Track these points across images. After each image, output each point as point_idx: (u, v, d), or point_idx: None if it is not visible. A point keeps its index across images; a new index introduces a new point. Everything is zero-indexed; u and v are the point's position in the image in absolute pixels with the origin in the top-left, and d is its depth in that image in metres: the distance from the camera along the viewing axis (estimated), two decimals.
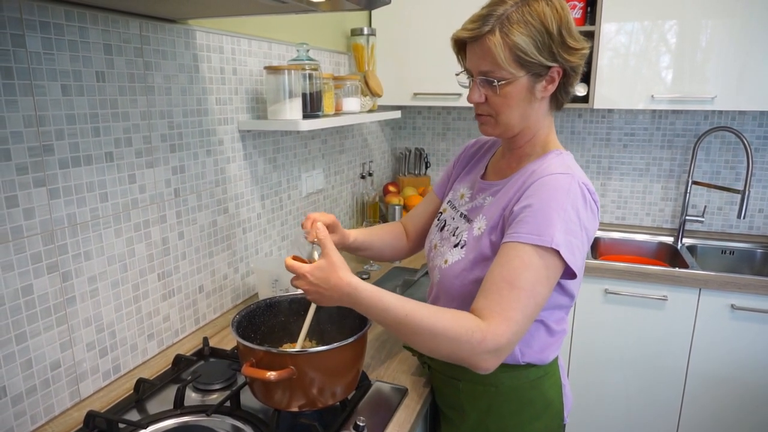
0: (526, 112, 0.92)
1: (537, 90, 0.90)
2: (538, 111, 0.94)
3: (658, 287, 1.87)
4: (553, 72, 0.89)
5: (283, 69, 1.37)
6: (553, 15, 0.85)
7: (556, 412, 1.02)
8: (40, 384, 0.97)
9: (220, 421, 0.98)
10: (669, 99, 1.95)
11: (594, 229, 0.89)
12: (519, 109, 0.91)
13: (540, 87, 0.90)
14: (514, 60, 0.86)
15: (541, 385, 0.99)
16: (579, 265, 0.86)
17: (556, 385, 1.02)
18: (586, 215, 0.86)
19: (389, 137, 2.61)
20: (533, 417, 1.00)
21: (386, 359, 1.23)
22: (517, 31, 0.85)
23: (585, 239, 0.86)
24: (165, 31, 1.17)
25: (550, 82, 0.90)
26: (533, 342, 0.96)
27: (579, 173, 0.89)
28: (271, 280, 1.38)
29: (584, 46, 0.89)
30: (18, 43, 0.88)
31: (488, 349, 0.80)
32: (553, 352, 0.99)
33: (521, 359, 0.96)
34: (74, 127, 0.98)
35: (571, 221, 0.84)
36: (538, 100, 0.92)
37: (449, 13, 2.08)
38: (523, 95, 0.90)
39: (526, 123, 0.94)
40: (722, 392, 1.89)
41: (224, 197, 1.42)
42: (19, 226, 0.91)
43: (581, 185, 0.87)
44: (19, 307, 0.92)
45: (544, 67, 0.88)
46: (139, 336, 1.19)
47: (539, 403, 1.00)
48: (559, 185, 0.85)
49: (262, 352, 0.89)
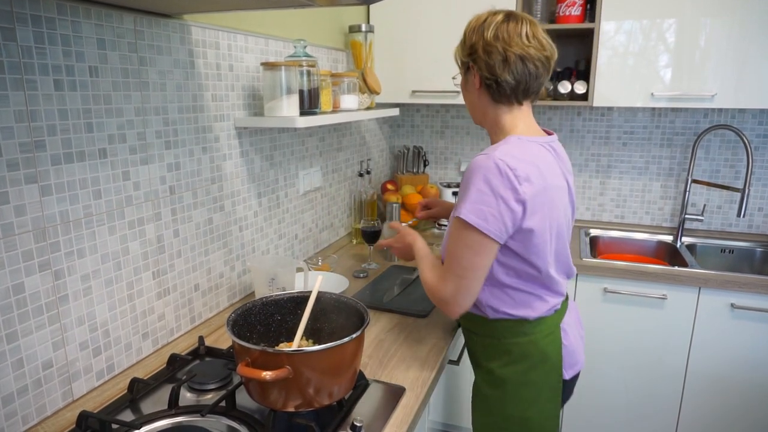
0: (471, 100, 1.16)
1: (470, 83, 1.13)
2: (482, 101, 1.13)
3: (657, 286, 1.86)
4: (472, 67, 1.11)
5: (280, 65, 1.36)
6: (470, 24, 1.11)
7: (553, 366, 1.14)
8: (32, 384, 0.96)
9: (215, 421, 0.97)
10: (668, 97, 1.94)
11: (516, 198, 1.00)
12: (467, 99, 1.18)
13: (471, 80, 1.12)
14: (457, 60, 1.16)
15: (538, 341, 1.13)
16: (496, 228, 1.01)
17: (554, 343, 1.15)
18: (500, 183, 0.99)
19: (387, 135, 2.60)
20: (530, 367, 1.14)
21: (383, 359, 1.21)
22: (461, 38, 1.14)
23: (503, 206, 0.99)
24: (160, 26, 1.16)
25: (475, 76, 1.11)
26: (499, 303, 1.13)
27: (501, 153, 1.01)
28: (267, 279, 1.37)
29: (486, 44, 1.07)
30: (9, 36, 0.86)
31: (437, 296, 1.10)
32: (533, 312, 1.12)
33: (491, 315, 1.14)
34: (67, 122, 0.97)
35: (483, 192, 1.00)
36: (476, 92, 1.13)
37: (447, 10, 2.07)
38: (464, 88, 1.17)
39: (479, 111, 1.16)
40: (721, 391, 1.88)
41: (220, 195, 1.41)
42: (10, 223, 0.89)
43: (496, 161, 1.00)
44: (10, 306, 0.91)
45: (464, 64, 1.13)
46: (134, 335, 1.18)
47: (536, 356, 1.13)
48: (476, 166, 1.02)
49: (258, 351, 0.88)
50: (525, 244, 1.04)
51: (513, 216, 1.00)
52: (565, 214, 1.13)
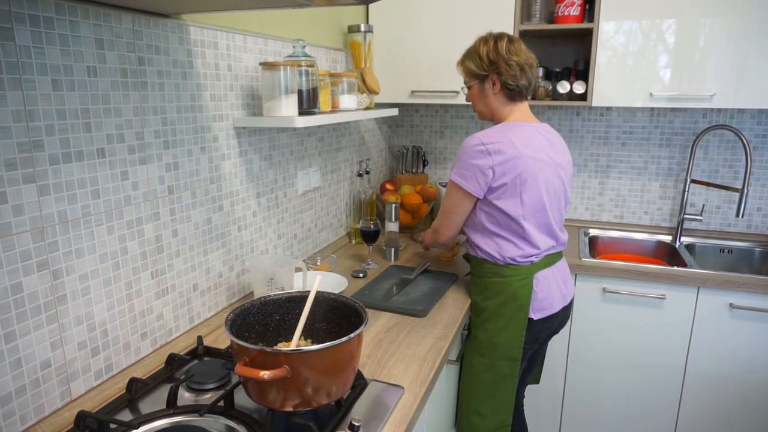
0: (486, 103, 1.54)
1: (487, 89, 1.51)
2: (496, 101, 1.52)
3: (656, 286, 1.86)
4: (492, 77, 1.48)
5: (278, 65, 1.36)
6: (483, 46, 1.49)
7: (521, 305, 1.46)
8: (30, 384, 0.96)
9: (214, 420, 0.97)
10: (667, 97, 1.94)
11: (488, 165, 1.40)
12: (481, 102, 1.55)
13: (488, 87, 1.50)
14: (468, 74, 1.54)
15: (511, 283, 1.46)
16: (473, 187, 1.43)
17: (525, 288, 1.46)
18: (475, 154, 1.42)
19: (386, 135, 2.60)
20: (502, 303, 1.47)
21: (382, 358, 1.21)
22: (467, 58, 1.54)
23: (477, 171, 1.41)
24: (158, 25, 1.16)
25: (494, 84, 1.49)
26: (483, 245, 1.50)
27: (482, 134, 1.43)
28: (266, 279, 1.37)
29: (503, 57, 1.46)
30: (7, 36, 0.86)
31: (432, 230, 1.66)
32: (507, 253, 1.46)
33: (480, 255, 1.52)
34: (65, 122, 0.97)
35: (463, 162, 1.44)
36: (493, 95, 1.51)
37: (446, 11, 2.07)
38: (479, 93, 1.54)
39: (490, 110, 1.54)
40: (720, 391, 1.88)
41: (219, 195, 1.41)
42: (8, 222, 0.89)
43: (476, 140, 1.42)
44: (8, 306, 0.90)
45: (484, 76, 1.50)
46: (132, 335, 1.18)
47: (507, 294, 1.46)
48: (465, 144, 1.45)
49: (256, 351, 0.88)
50: (498, 197, 1.42)
51: (485, 178, 1.41)
52: (546, 183, 1.43)
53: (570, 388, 2.07)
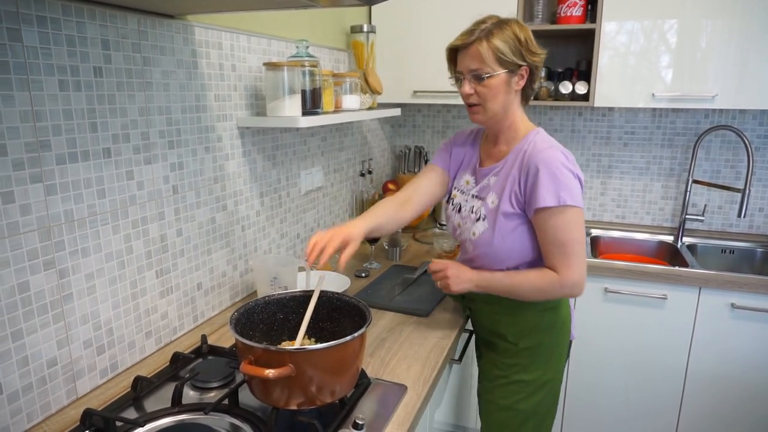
0: (506, 101, 1.20)
1: (512, 83, 1.19)
2: (514, 102, 1.22)
3: (658, 286, 1.86)
4: (522, 70, 1.18)
5: (282, 65, 1.36)
6: (521, 30, 1.17)
7: (567, 329, 1.33)
8: (37, 382, 0.97)
9: (218, 419, 0.98)
10: (669, 97, 1.94)
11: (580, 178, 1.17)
12: (500, 98, 1.19)
13: (514, 81, 1.19)
14: (495, 59, 1.16)
15: (562, 308, 1.30)
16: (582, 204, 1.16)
17: (566, 306, 1.33)
18: (571, 165, 1.16)
19: (389, 135, 2.61)
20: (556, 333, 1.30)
21: (385, 358, 1.22)
22: (498, 38, 1.15)
23: (578, 181, 1.16)
24: (163, 26, 1.16)
25: (521, 78, 1.19)
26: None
27: (555, 143, 1.19)
28: (269, 278, 1.37)
29: (543, 52, 1.20)
30: (14, 37, 0.87)
31: (567, 286, 1.17)
32: None
33: None
34: (71, 122, 0.97)
35: (566, 176, 1.14)
36: (514, 93, 1.20)
37: (449, 11, 2.07)
38: (503, 87, 1.18)
39: (506, 111, 1.21)
40: (722, 391, 1.88)
41: (223, 194, 1.41)
42: (16, 222, 0.90)
43: (561, 151, 1.17)
44: (15, 304, 0.91)
45: (516, 65, 1.16)
46: (137, 333, 1.18)
47: (559, 321, 1.30)
48: (548, 158, 1.14)
49: (261, 349, 0.89)
50: None
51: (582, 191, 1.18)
52: None
53: (571, 387, 2.07)
